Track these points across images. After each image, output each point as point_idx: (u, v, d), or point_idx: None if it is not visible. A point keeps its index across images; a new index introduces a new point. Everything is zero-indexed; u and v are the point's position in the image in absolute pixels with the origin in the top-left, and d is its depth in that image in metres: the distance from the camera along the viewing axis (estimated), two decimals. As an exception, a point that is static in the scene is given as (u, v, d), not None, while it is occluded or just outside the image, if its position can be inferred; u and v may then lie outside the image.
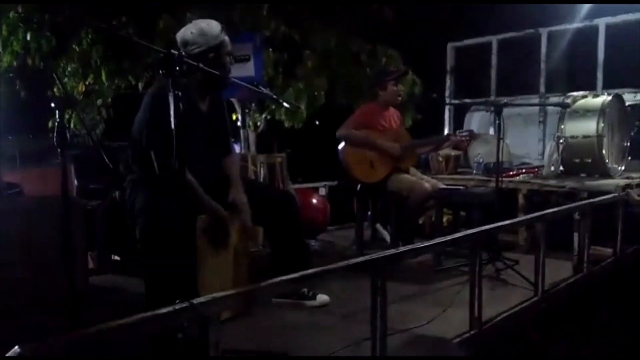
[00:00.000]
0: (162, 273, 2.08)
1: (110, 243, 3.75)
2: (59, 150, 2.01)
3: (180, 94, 1.85)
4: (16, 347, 1.07)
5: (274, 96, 2.43)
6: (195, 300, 1.35)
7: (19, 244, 2.62)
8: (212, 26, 2.40)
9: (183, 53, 2.21)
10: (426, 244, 2.03)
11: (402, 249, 1.90)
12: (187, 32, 2.39)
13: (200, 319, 1.36)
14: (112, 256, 3.76)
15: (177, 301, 1.34)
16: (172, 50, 1.81)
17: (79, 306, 1.83)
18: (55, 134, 1.98)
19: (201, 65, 1.95)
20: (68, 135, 2.01)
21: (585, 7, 5.36)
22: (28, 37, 4.76)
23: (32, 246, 2.65)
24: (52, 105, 1.99)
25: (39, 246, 2.66)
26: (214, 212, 2.32)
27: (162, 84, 1.99)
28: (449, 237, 2.19)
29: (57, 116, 1.98)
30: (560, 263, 3.40)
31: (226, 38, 2.42)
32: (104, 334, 1.17)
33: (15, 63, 5.01)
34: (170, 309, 1.30)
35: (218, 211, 2.33)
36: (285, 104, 2.56)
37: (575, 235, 3.38)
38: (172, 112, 1.83)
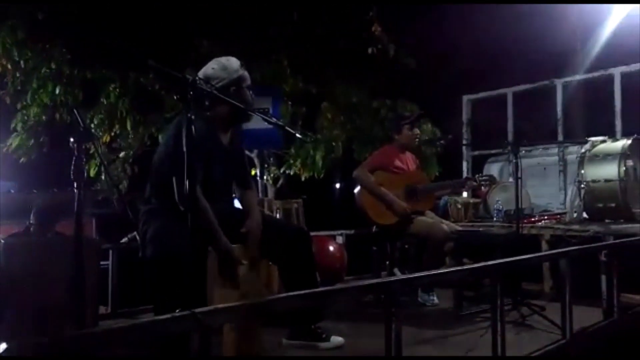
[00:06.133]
0: (169, 301, 2.02)
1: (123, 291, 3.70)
2: (74, 183, 2.03)
3: (194, 118, 1.88)
4: (3, 344, 1.02)
5: (288, 128, 2.44)
6: (197, 310, 1.30)
7: (31, 281, 2.60)
8: (232, 61, 2.49)
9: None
10: (442, 271, 1.94)
11: (416, 274, 1.82)
12: (208, 68, 2.48)
13: (202, 330, 1.30)
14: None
15: (178, 310, 1.29)
16: (187, 75, 1.86)
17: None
18: (72, 167, 1.99)
19: (215, 91, 1.99)
20: (85, 171, 2.03)
21: (599, 57, 5.41)
22: (57, 91, 4.99)
23: (43, 283, 2.63)
24: (71, 139, 2.02)
25: (50, 283, 2.64)
26: (226, 251, 2.26)
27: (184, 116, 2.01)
28: (467, 267, 2.11)
29: (75, 150, 2.00)
30: (589, 310, 3.23)
31: (245, 72, 2.49)
32: (97, 336, 1.12)
33: (44, 117, 5.22)
34: (169, 316, 1.25)
35: (230, 251, 2.28)
36: (298, 135, 2.57)
37: (603, 278, 3.22)
38: (184, 136, 1.85)
